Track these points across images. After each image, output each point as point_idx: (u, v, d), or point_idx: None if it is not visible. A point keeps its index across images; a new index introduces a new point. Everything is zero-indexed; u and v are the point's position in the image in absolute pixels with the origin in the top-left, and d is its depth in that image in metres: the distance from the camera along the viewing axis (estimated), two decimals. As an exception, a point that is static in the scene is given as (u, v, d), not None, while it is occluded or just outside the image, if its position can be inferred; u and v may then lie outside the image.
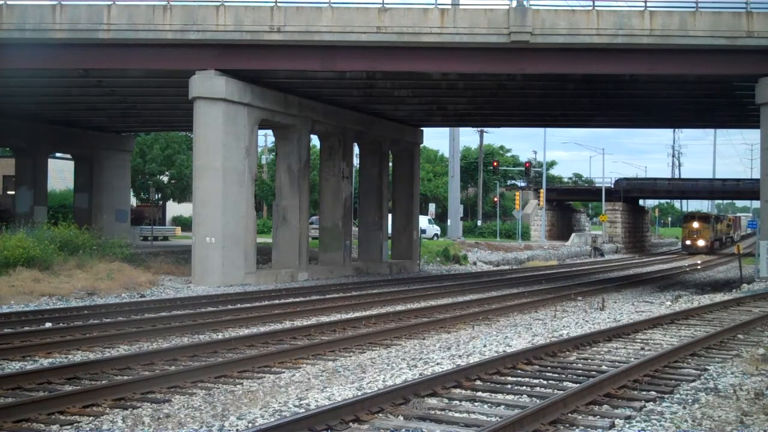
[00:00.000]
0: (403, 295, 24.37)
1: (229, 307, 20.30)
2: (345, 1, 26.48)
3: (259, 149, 63.17)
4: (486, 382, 10.80)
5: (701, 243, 69.73)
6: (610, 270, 44.12)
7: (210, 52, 26.34)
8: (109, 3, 25.45)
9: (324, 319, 18.49)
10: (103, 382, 10.82)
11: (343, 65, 27.00)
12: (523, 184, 76.83)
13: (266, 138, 75.51)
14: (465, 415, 9.14)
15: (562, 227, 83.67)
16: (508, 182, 79.00)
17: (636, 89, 31.19)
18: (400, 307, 21.13)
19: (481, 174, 70.73)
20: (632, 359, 12.40)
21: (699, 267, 47.90)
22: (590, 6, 25.53)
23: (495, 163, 69.44)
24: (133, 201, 59.47)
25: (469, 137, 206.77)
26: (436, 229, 63.83)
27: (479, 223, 72.02)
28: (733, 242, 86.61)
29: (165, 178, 63.84)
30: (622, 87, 30.55)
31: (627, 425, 8.72)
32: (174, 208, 70.35)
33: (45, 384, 10.74)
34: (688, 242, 71.31)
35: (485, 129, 68.02)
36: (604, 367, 11.94)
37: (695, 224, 71.12)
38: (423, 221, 63.75)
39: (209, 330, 16.25)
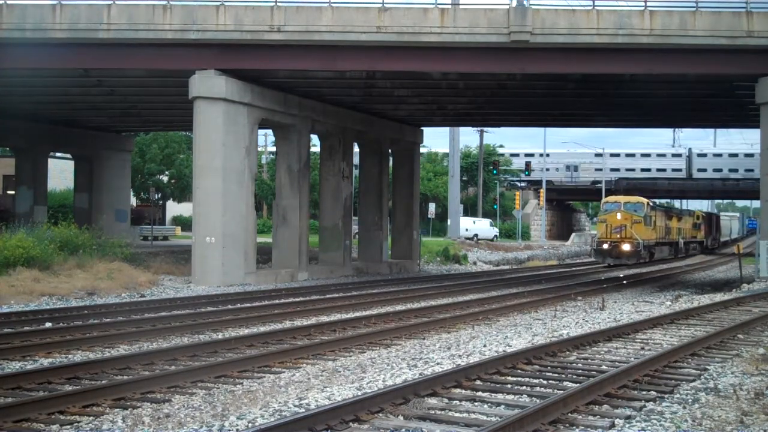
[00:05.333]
0: (403, 294, 24.37)
1: (229, 307, 20.29)
2: (345, 1, 26.49)
3: (260, 149, 63.16)
4: (486, 382, 10.80)
5: (627, 248, 43.91)
6: (611, 270, 44.06)
7: (210, 52, 26.34)
8: (109, 3, 25.45)
9: (324, 319, 18.49)
10: (103, 382, 10.81)
11: (343, 65, 27.00)
12: (523, 184, 76.75)
13: (266, 138, 75.56)
14: (465, 415, 9.14)
15: (562, 227, 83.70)
16: (509, 177, 78.85)
17: (636, 89, 31.17)
18: (400, 307, 21.13)
19: (481, 174, 70.71)
20: (632, 359, 12.40)
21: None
22: (590, 6, 25.53)
23: (495, 163, 69.43)
24: (133, 201, 59.47)
25: (469, 137, 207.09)
26: (494, 230, 64.35)
27: (479, 223, 71.99)
28: (705, 249, 66.69)
29: (165, 178, 63.85)
30: (622, 87, 30.54)
31: (627, 425, 8.72)
32: (174, 208, 70.35)
33: (45, 384, 10.74)
34: (605, 246, 44.43)
35: (485, 129, 68.00)
36: (604, 367, 11.94)
37: (618, 216, 44.79)
38: (485, 223, 63.98)
39: (209, 330, 16.25)
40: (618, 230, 44.65)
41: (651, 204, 48.74)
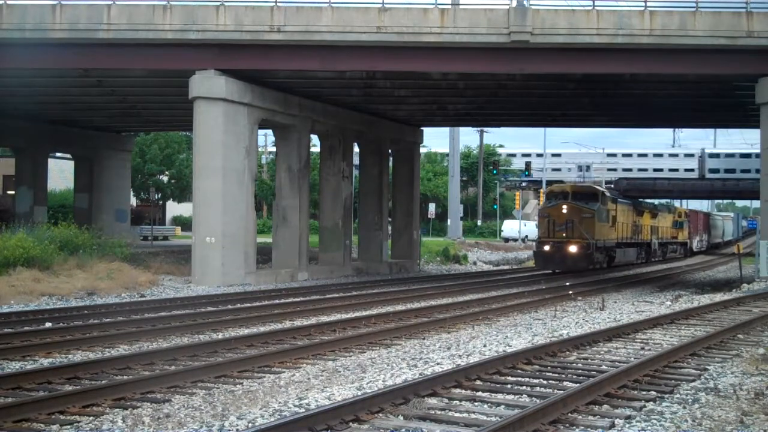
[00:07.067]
0: (403, 294, 24.36)
1: (229, 307, 20.30)
2: (345, 1, 26.50)
3: (260, 149, 63.19)
4: (486, 382, 10.80)
5: (573, 250, 35.24)
6: (610, 270, 44.02)
7: (210, 52, 26.34)
8: (109, 3, 25.44)
9: (324, 319, 18.49)
10: (103, 382, 10.81)
11: (343, 65, 27.00)
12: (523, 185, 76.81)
13: (266, 138, 75.60)
14: (465, 414, 9.14)
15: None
16: (509, 177, 78.88)
17: (636, 89, 31.17)
18: (400, 307, 21.12)
19: (481, 174, 70.74)
20: (632, 359, 12.40)
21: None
22: (590, 6, 25.53)
23: (495, 163, 69.46)
24: (133, 201, 59.49)
25: (469, 137, 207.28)
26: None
27: (479, 222, 72.08)
28: (690, 252, 60.06)
29: (165, 178, 63.87)
30: (622, 87, 30.55)
31: (627, 425, 8.72)
32: (174, 208, 70.37)
33: (45, 384, 10.73)
34: (546, 248, 35.90)
35: (485, 129, 68.04)
36: (604, 367, 11.93)
37: (564, 209, 36.07)
38: (531, 225, 62.46)
39: (209, 330, 16.25)
40: (563, 227, 35.73)
41: (609, 194, 39.83)
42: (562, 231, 35.69)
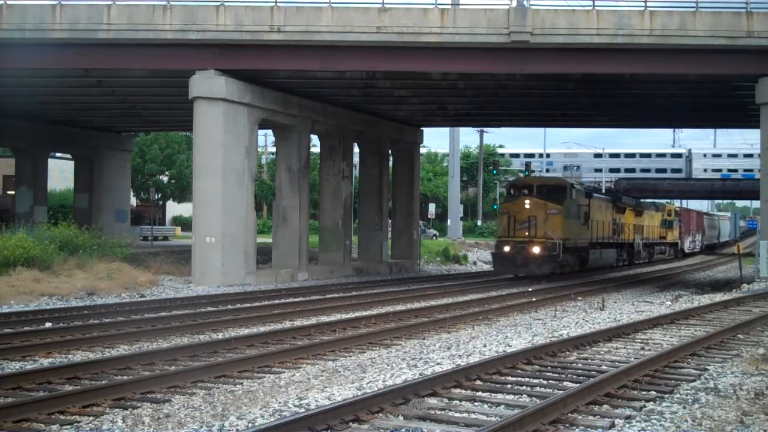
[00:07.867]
0: (403, 295, 24.36)
1: (229, 307, 20.30)
2: (345, 1, 26.53)
3: (260, 149, 63.22)
4: (486, 382, 10.79)
5: (536, 251, 31.04)
6: (610, 270, 44.04)
7: (210, 52, 26.34)
8: (109, 3, 25.45)
9: (324, 319, 18.48)
10: (103, 382, 10.81)
11: (343, 65, 27.01)
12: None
13: (266, 138, 75.63)
14: (465, 414, 9.14)
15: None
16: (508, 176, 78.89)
17: (636, 89, 31.18)
18: (400, 307, 21.12)
19: (481, 174, 70.73)
20: (632, 359, 12.40)
21: None
22: (590, 6, 25.54)
23: (495, 164, 69.43)
24: (133, 201, 59.50)
25: (469, 137, 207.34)
26: None
27: (479, 223, 72.05)
28: (681, 254, 57.43)
29: (165, 178, 63.89)
30: (622, 87, 30.56)
31: (627, 425, 8.72)
32: (174, 208, 70.40)
33: (45, 384, 10.73)
34: (507, 248, 31.59)
35: (485, 129, 68.03)
36: (604, 367, 11.93)
37: (526, 203, 31.76)
38: None
39: (209, 330, 16.25)
40: (525, 225, 31.40)
41: (580, 188, 35.71)
42: (524, 229, 31.40)
